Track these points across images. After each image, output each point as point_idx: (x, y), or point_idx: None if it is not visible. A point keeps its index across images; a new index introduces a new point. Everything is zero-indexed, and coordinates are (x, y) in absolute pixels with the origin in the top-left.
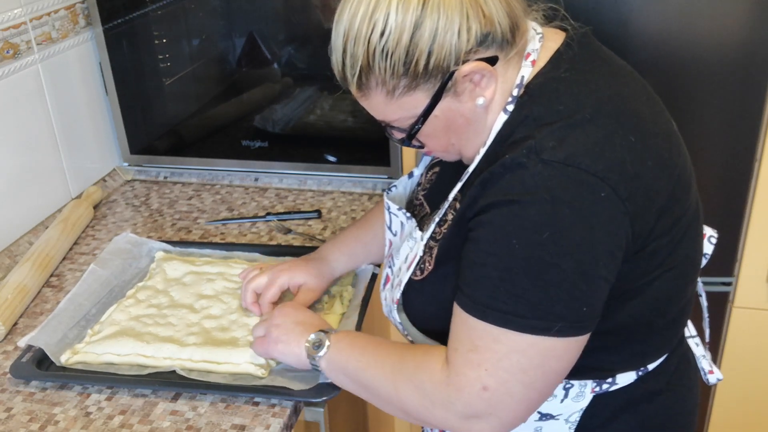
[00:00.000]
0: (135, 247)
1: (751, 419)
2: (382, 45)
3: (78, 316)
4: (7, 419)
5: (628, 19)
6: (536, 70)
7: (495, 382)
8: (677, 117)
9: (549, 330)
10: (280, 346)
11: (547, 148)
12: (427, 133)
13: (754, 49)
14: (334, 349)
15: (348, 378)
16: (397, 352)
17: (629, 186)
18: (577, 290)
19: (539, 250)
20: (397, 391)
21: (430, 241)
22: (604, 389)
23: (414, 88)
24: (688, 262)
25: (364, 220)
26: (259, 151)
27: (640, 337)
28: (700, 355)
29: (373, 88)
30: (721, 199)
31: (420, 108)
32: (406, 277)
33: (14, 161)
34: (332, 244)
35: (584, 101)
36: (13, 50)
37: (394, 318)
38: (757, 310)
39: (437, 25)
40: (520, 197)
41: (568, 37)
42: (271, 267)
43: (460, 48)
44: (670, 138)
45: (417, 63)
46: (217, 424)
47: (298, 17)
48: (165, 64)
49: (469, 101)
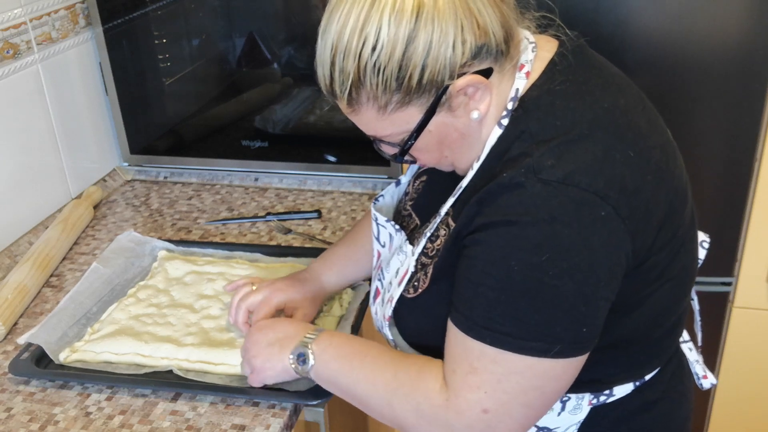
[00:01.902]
0: (138, 246)
1: (751, 419)
2: (374, 60)
3: (79, 314)
4: (7, 419)
5: (627, 19)
6: (530, 81)
7: (495, 404)
8: (677, 117)
9: (548, 352)
10: (268, 372)
11: (545, 167)
12: (419, 147)
13: (754, 49)
14: (320, 363)
15: (339, 391)
16: (389, 367)
17: (629, 203)
18: (577, 312)
19: (538, 272)
20: (392, 410)
21: (423, 257)
22: (602, 401)
23: (407, 103)
24: (685, 272)
25: (352, 236)
26: (259, 151)
27: (637, 348)
28: (693, 360)
29: (363, 103)
30: (721, 199)
31: (413, 123)
32: (398, 293)
33: (14, 161)
34: (323, 263)
35: (581, 115)
36: (13, 50)
37: (385, 334)
38: (757, 310)
39: (431, 37)
40: (518, 218)
41: (561, 47)
42: (265, 285)
43: (455, 61)
44: (666, 148)
45: (410, 78)
46: (217, 424)
47: (298, 17)
48: (165, 64)
49: (463, 115)
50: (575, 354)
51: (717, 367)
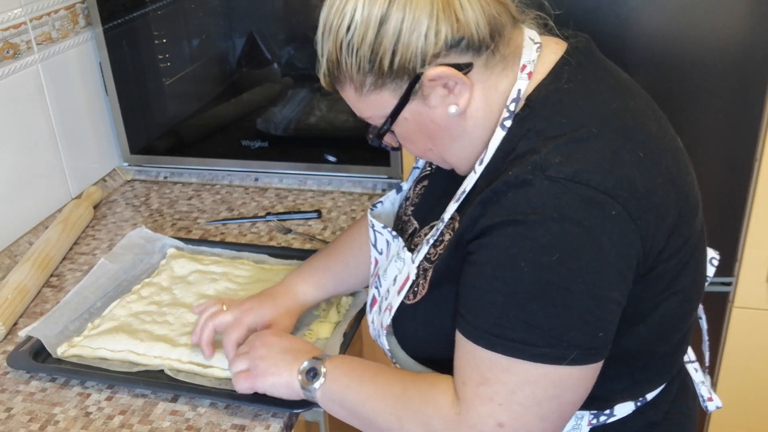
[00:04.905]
0: (148, 243)
1: (750, 419)
2: (348, 39)
3: (81, 309)
4: (7, 419)
5: (627, 19)
6: (535, 82)
7: (510, 417)
8: (677, 117)
9: (563, 359)
10: (270, 378)
11: (553, 164)
12: (401, 135)
13: (754, 49)
14: (331, 378)
15: (345, 410)
16: (399, 383)
17: (640, 204)
18: (590, 315)
19: (548, 273)
20: (401, 427)
21: (425, 262)
22: (602, 421)
23: (381, 86)
24: (693, 286)
25: (335, 247)
26: (259, 151)
27: (641, 364)
28: (699, 381)
29: (343, 82)
30: (721, 199)
31: (388, 108)
32: (398, 301)
33: (14, 161)
34: (299, 275)
35: (590, 114)
36: (13, 50)
37: (382, 343)
38: (757, 310)
39: (402, 24)
40: (526, 217)
41: (569, 47)
42: (236, 305)
43: (427, 50)
44: (677, 155)
45: (382, 61)
46: (217, 424)
47: (298, 17)
48: (165, 64)
49: (440, 107)
50: (591, 360)
51: (717, 367)
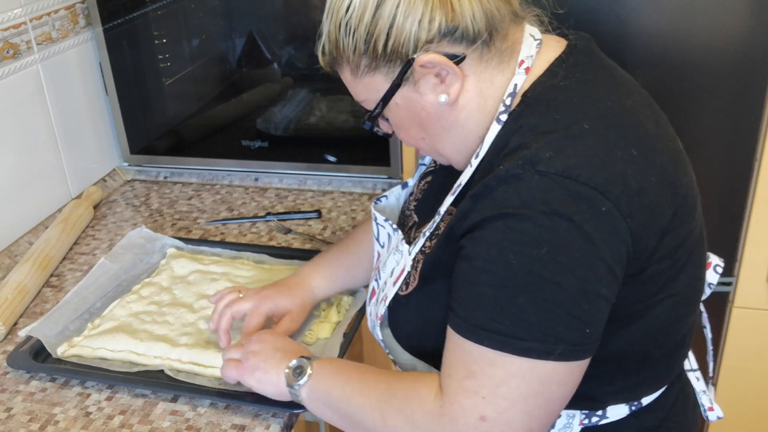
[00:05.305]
0: (148, 243)
1: (750, 419)
2: (346, 20)
3: (81, 309)
4: (7, 419)
5: (627, 19)
6: (532, 78)
7: (493, 411)
8: (677, 117)
9: (550, 354)
10: (257, 373)
11: (543, 159)
12: (394, 122)
13: (754, 49)
14: (317, 377)
15: (330, 408)
16: (384, 380)
17: (631, 202)
18: (579, 310)
19: (537, 267)
20: (384, 423)
21: (419, 254)
22: (594, 422)
23: (374, 69)
24: (690, 290)
25: (348, 243)
26: (259, 151)
27: (635, 367)
28: (700, 391)
29: (341, 63)
30: (721, 199)
31: (381, 92)
32: (392, 292)
33: (14, 161)
34: (313, 267)
35: (583, 111)
36: (13, 50)
37: (376, 334)
38: (757, 310)
39: (397, 9)
40: (515, 211)
41: (569, 46)
42: (252, 292)
43: (420, 36)
44: (675, 155)
45: (376, 43)
46: (217, 424)
47: (298, 17)
48: (165, 64)
49: (430, 94)
50: (578, 357)
51: (717, 366)
